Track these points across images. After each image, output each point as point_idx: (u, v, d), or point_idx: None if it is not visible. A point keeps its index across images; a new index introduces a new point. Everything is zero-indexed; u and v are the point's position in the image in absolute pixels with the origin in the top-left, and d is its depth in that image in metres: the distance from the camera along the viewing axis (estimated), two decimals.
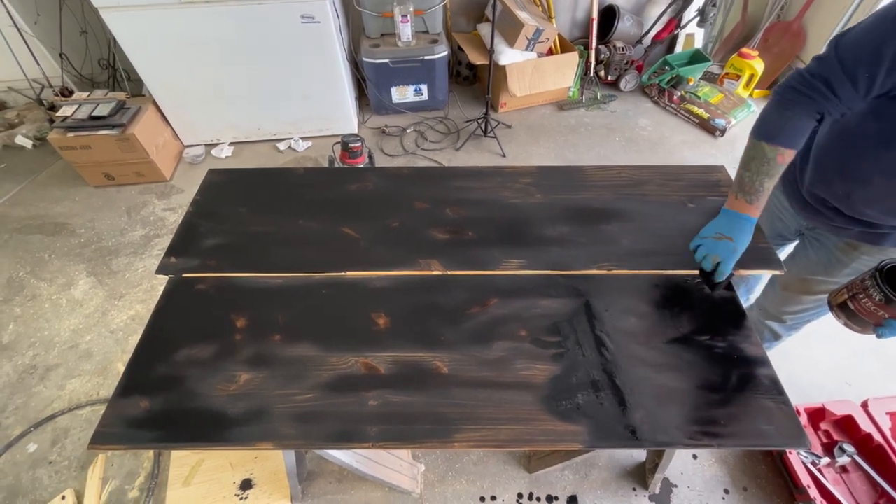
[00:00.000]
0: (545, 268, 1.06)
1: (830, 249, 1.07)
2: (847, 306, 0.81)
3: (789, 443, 0.82)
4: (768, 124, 0.87)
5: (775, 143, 0.86)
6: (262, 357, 0.92)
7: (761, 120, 0.89)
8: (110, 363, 1.81)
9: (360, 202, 1.23)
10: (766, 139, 0.87)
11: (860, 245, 1.01)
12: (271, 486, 1.46)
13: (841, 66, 0.76)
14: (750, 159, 0.90)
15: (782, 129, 0.85)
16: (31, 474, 1.53)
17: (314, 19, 2.30)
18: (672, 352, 0.93)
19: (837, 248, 1.05)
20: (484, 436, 0.82)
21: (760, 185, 0.90)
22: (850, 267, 1.05)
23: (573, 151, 2.79)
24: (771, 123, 0.87)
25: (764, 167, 0.88)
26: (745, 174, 0.91)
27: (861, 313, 0.79)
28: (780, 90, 0.86)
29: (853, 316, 0.81)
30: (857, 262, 1.03)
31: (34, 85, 2.89)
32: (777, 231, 1.23)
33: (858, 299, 0.79)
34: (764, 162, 0.88)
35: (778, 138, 0.86)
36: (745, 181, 0.91)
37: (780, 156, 0.86)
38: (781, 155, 0.86)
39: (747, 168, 0.91)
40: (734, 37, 3.17)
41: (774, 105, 0.87)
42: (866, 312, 0.78)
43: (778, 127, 0.86)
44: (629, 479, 1.50)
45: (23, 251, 2.24)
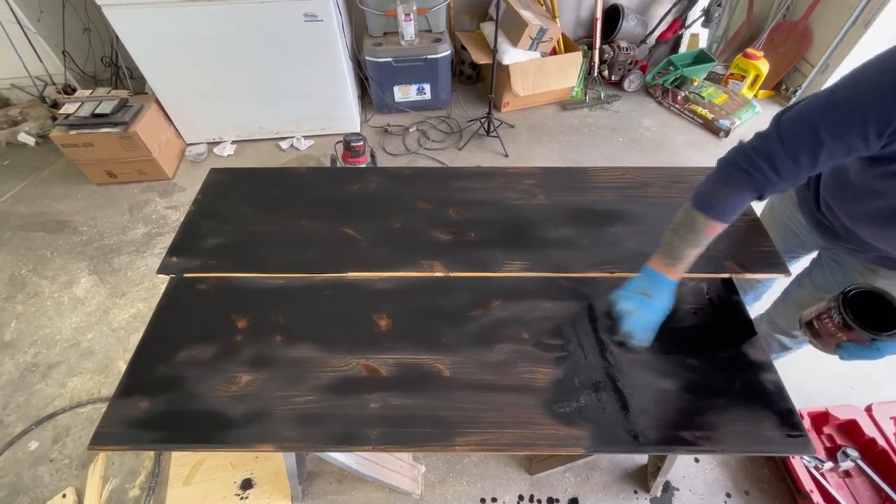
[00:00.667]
0: (548, 270, 1.06)
1: (849, 271, 1.03)
2: (812, 325, 0.83)
3: (794, 449, 0.81)
4: (706, 195, 0.86)
5: (708, 215, 0.84)
6: (262, 358, 0.92)
7: (700, 188, 0.87)
8: (112, 361, 1.81)
9: (362, 202, 1.22)
10: (700, 208, 0.85)
11: (879, 269, 0.97)
12: (272, 485, 1.46)
13: (782, 145, 0.75)
14: (680, 224, 0.88)
15: (717, 204, 0.84)
16: (33, 472, 1.53)
17: (317, 18, 2.29)
18: (675, 356, 0.92)
19: (856, 269, 1.01)
20: (485, 439, 0.81)
21: (683, 252, 0.88)
22: None
23: (576, 152, 2.77)
24: (708, 195, 0.85)
25: (691, 236, 0.87)
26: (672, 238, 0.90)
27: (823, 333, 0.81)
28: (722, 164, 0.84)
29: (817, 335, 0.83)
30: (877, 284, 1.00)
31: (37, 82, 2.89)
32: (791, 247, 1.19)
33: (822, 320, 0.81)
34: (692, 231, 0.86)
35: (711, 211, 0.84)
36: (672, 245, 0.90)
37: (708, 228, 0.85)
38: (710, 227, 0.85)
39: (676, 232, 0.89)
40: (739, 37, 3.15)
41: (714, 178, 0.85)
42: (827, 333, 0.80)
43: (714, 200, 0.85)
44: (630, 482, 1.49)
45: (25, 249, 2.24)
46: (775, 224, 1.20)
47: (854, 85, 0.68)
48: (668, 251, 0.90)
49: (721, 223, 0.85)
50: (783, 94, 3.09)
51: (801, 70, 2.98)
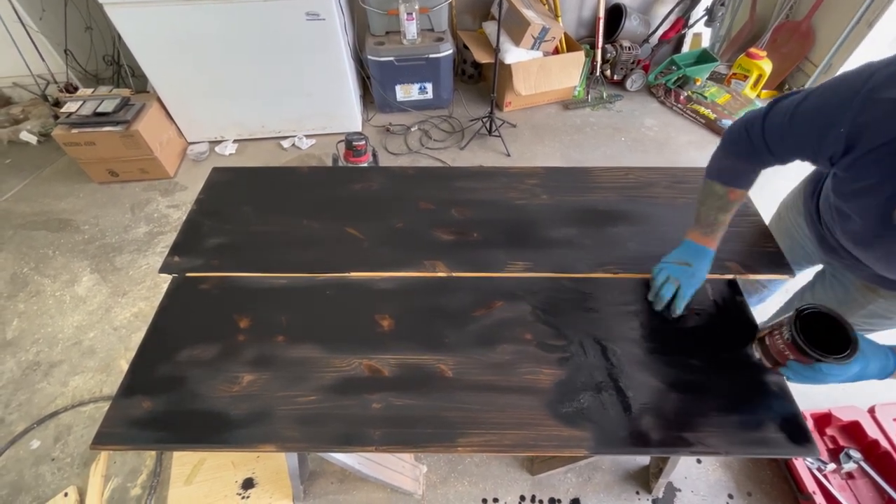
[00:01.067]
0: (551, 270, 1.05)
1: (848, 288, 1.03)
2: (764, 341, 0.84)
3: (798, 452, 0.81)
4: (716, 167, 0.93)
5: (724, 184, 0.91)
6: (265, 358, 0.92)
7: (711, 161, 0.94)
8: (113, 360, 1.81)
9: (365, 202, 1.22)
10: (712, 177, 0.93)
11: (878, 288, 0.97)
12: (273, 485, 1.46)
13: (763, 133, 0.80)
14: (706, 196, 0.95)
15: (727, 172, 0.91)
16: (34, 471, 1.53)
17: (319, 16, 2.29)
18: (679, 357, 0.91)
19: (856, 287, 1.01)
20: (488, 440, 0.81)
21: (715, 218, 0.94)
22: (866, 308, 1.00)
23: (578, 151, 2.77)
24: (718, 166, 0.92)
25: (718, 202, 0.93)
26: (701, 209, 0.96)
27: (771, 350, 0.82)
28: (724, 136, 0.90)
29: (766, 352, 0.84)
30: (875, 304, 0.98)
31: (39, 81, 2.89)
32: (797, 258, 1.17)
33: (773, 336, 0.82)
34: (717, 198, 0.93)
35: (723, 178, 0.91)
36: (702, 215, 0.96)
37: (730, 193, 0.91)
38: (733, 192, 0.91)
39: (703, 203, 0.95)
40: (742, 37, 3.14)
41: (720, 149, 0.91)
42: (776, 350, 0.81)
43: (723, 169, 0.92)
44: (632, 483, 1.49)
45: (27, 247, 2.24)
46: (782, 235, 1.19)
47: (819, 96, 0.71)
48: (701, 221, 0.96)
49: (738, 188, 0.90)
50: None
51: (804, 70, 2.97)
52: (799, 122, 0.73)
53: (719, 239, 0.96)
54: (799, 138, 0.75)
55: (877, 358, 0.74)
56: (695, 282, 0.94)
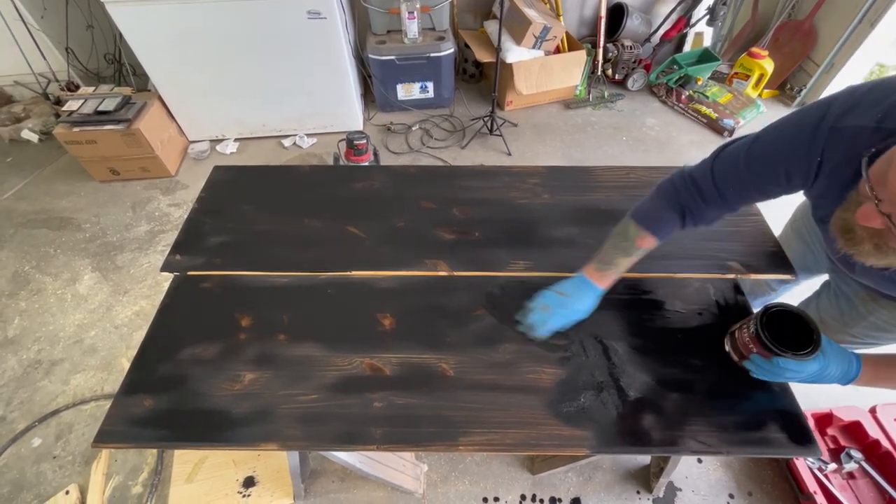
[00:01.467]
0: (552, 270, 1.05)
1: (852, 300, 1.02)
2: (734, 335, 0.86)
3: (800, 451, 0.81)
4: (642, 206, 0.90)
5: (640, 225, 0.88)
6: (266, 357, 0.92)
7: (640, 203, 0.91)
8: (115, 359, 1.82)
9: (366, 201, 1.22)
10: (634, 217, 0.89)
11: (879, 298, 0.95)
12: (274, 483, 1.46)
13: (713, 178, 0.79)
14: (617, 232, 0.92)
15: (650, 216, 0.88)
16: (36, 469, 1.53)
17: (320, 15, 2.28)
18: (680, 356, 0.91)
19: (860, 298, 1.00)
20: (490, 439, 0.81)
21: (613, 259, 0.91)
22: (867, 320, 0.99)
23: (580, 150, 2.77)
24: (644, 206, 0.89)
25: (623, 244, 0.90)
26: (606, 245, 0.93)
27: (739, 343, 0.84)
28: (664, 182, 0.88)
29: (734, 345, 0.86)
30: (875, 315, 0.97)
31: (40, 79, 2.89)
32: (806, 263, 1.17)
33: (741, 330, 0.84)
34: (625, 239, 0.90)
35: (643, 222, 0.88)
36: (605, 252, 0.92)
37: (639, 239, 0.88)
38: (641, 238, 0.88)
39: (611, 239, 0.92)
40: (744, 36, 3.13)
41: (654, 192, 0.89)
42: (742, 343, 0.83)
43: (648, 211, 0.88)
44: (633, 482, 1.49)
45: (28, 245, 2.25)
46: (796, 239, 1.19)
47: (774, 137, 0.73)
48: (600, 256, 0.93)
49: (651, 236, 0.87)
50: (788, 94, 3.08)
51: (805, 69, 2.96)
52: (758, 160, 0.74)
53: (612, 281, 0.92)
54: (759, 176, 0.75)
55: (838, 362, 0.76)
56: (567, 313, 0.91)
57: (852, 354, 0.78)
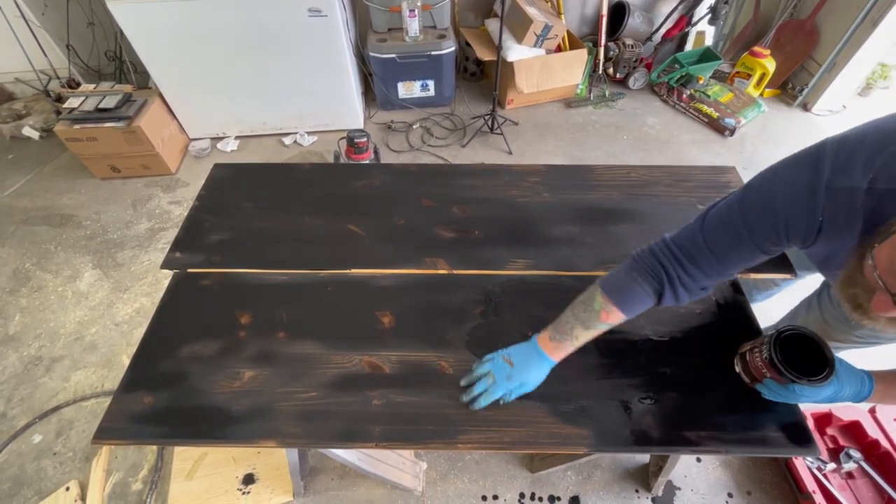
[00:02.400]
0: (552, 268, 1.05)
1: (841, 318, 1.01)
2: (745, 357, 0.85)
3: (799, 451, 0.81)
4: (612, 277, 0.82)
5: (607, 298, 0.80)
6: (266, 354, 0.92)
7: (612, 272, 0.84)
8: (115, 356, 1.82)
9: (366, 199, 1.22)
10: (603, 288, 0.81)
11: None
12: (274, 480, 1.46)
13: (705, 241, 0.73)
14: (582, 300, 0.84)
15: (619, 288, 0.80)
16: (36, 465, 1.54)
17: (321, 13, 2.28)
18: (680, 355, 0.91)
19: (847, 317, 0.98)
20: (488, 437, 0.81)
21: (572, 329, 0.83)
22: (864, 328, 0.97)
23: (580, 149, 2.76)
24: (615, 277, 0.82)
25: (584, 314, 0.82)
26: (568, 311, 0.85)
27: (751, 366, 0.83)
28: (640, 252, 0.81)
29: (745, 367, 0.84)
30: None
31: (41, 76, 2.89)
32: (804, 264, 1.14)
33: (753, 353, 0.82)
34: (588, 309, 0.82)
35: (611, 294, 0.80)
36: (563, 321, 0.85)
37: (604, 312, 0.80)
38: (607, 312, 0.80)
39: (573, 307, 0.85)
40: (745, 35, 3.12)
41: (628, 264, 0.82)
42: (754, 367, 0.82)
43: (619, 282, 0.81)
44: (632, 481, 1.49)
45: (29, 242, 2.25)
46: None
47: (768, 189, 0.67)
48: (558, 325, 0.85)
49: (618, 311, 0.80)
50: (789, 93, 3.07)
51: (807, 69, 2.96)
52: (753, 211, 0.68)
53: (564, 354, 0.85)
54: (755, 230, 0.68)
55: (851, 383, 0.76)
56: (510, 385, 0.84)
57: (864, 374, 0.78)
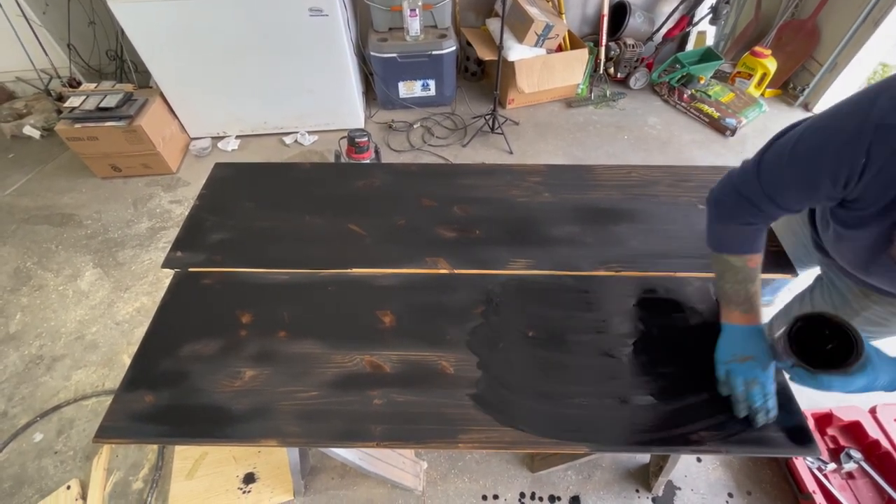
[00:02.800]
0: (553, 268, 1.05)
1: (845, 294, 1.00)
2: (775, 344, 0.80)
3: (799, 451, 0.81)
4: (719, 238, 0.84)
5: (737, 253, 0.82)
6: (266, 354, 0.92)
7: (711, 234, 0.85)
8: (116, 355, 1.82)
9: (367, 199, 1.22)
10: (723, 251, 0.84)
11: (871, 293, 0.94)
12: (274, 480, 1.46)
13: (761, 187, 0.75)
14: (723, 272, 0.85)
15: (734, 240, 0.82)
16: (37, 464, 1.54)
17: (322, 12, 2.28)
18: (681, 355, 0.91)
19: (852, 292, 0.98)
20: (489, 437, 0.81)
21: (746, 292, 0.83)
22: (861, 316, 0.97)
23: (581, 149, 2.76)
24: (721, 236, 0.84)
25: (740, 276, 0.83)
26: (726, 287, 0.85)
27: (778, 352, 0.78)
28: (714, 203, 0.83)
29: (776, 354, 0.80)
30: (869, 311, 0.96)
31: (42, 75, 2.90)
32: (800, 255, 1.15)
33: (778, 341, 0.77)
34: (738, 271, 0.83)
35: (735, 248, 0.82)
36: (731, 294, 0.85)
37: (749, 262, 0.82)
38: (751, 260, 0.82)
39: (725, 280, 0.85)
40: (747, 35, 3.12)
41: (714, 219, 0.84)
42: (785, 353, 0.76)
43: (728, 238, 0.83)
44: (632, 481, 1.49)
45: (30, 241, 2.25)
46: (788, 231, 1.17)
47: (815, 136, 0.67)
48: (733, 300, 0.85)
49: (753, 254, 0.82)
50: (790, 93, 3.07)
51: (808, 69, 2.95)
52: (801, 161, 0.68)
53: (761, 309, 0.84)
54: (804, 180, 0.69)
55: (887, 370, 0.69)
56: (770, 372, 0.81)
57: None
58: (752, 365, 0.81)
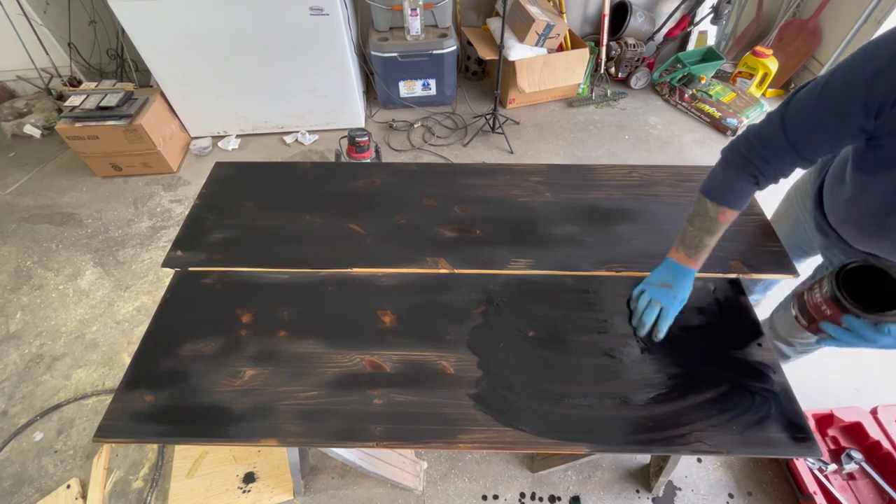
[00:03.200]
0: (553, 268, 1.05)
1: None
2: (803, 297, 0.79)
3: (800, 452, 0.80)
4: (713, 183, 0.88)
5: (717, 203, 0.87)
6: (267, 353, 0.92)
7: (709, 177, 0.89)
8: (116, 354, 1.82)
9: (368, 198, 1.22)
10: (709, 197, 0.88)
11: None
12: (274, 479, 1.46)
13: (784, 132, 0.76)
14: (694, 215, 0.91)
15: (724, 190, 0.86)
16: (37, 463, 1.54)
17: (323, 12, 2.28)
18: (681, 356, 0.91)
19: None
20: (489, 437, 0.81)
21: (701, 240, 0.90)
22: None
23: (582, 149, 2.76)
24: (715, 182, 0.88)
25: (706, 224, 0.89)
26: (688, 228, 0.92)
27: (809, 306, 0.77)
28: (726, 150, 0.86)
29: (804, 308, 0.78)
30: None
31: (43, 74, 2.90)
32: (798, 241, 1.17)
33: (812, 291, 0.77)
34: (706, 219, 0.89)
35: (720, 198, 0.87)
36: (688, 235, 0.92)
37: (721, 215, 0.87)
38: (723, 214, 0.87)
39: (691, 223, 0.91)
40: (748, 35, 3.11)
41: (721, 164, 0.87)
42: (813, 306, 0.75)
43: (720, 186, 0.87)
44: (632, 481, 1.49)
45: (30, 241, 2.25)
46: (788, 218, 1.19)
47: (849, 67, 0.67)
48: (686, 242, 0.92)
49: (731, 209, 0.87)
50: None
51: (810, 68, 2.95)
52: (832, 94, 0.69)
53: (702, 261, 0.93)
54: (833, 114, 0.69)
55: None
56: (677, 304, 0.92)
57: None
58: (666, 292, 0.92)
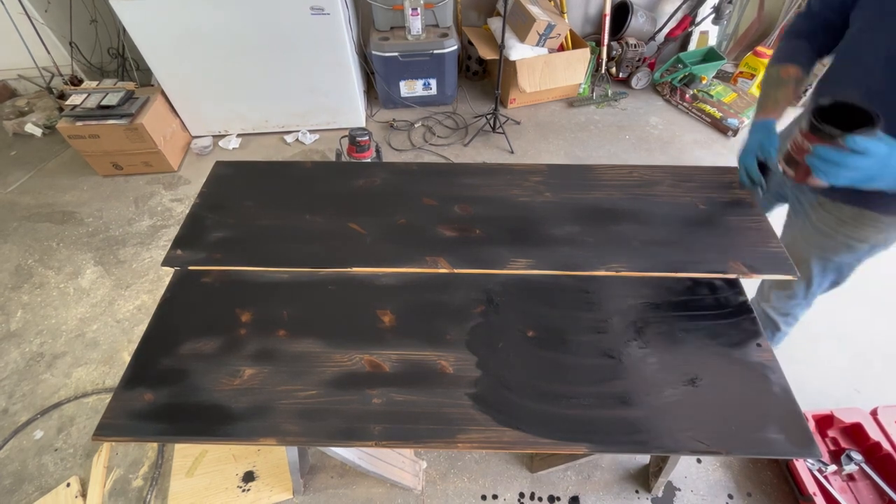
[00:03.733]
0: (553, 268, 1.05)
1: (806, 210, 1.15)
2: (787, 149, 0.83)
3: (799, 452, 0.80)
4: (775, 54, 1.08)
5: (779, 63, 1.06)
6: (266, 352, 0.92)
7: (775, 51, 1.09)
8: (116, 352, 1.82)
9: (368, 198, 1.22)
10: (776, 61, 1.07)
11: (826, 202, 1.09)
12: (273, 478, 1.46)
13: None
14: (764, 84, 1.09)
15: (782, 53, 1.06)
16: (37, 461, 1.54)
17: (324, 11, 2.28)
18: (681, 356, 0.91)
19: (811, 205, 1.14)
20: (488, 437, 0.81)
21: (775, 98, 1.05)
22: (815, 226, 1.14)
23: (582, 149, 2.76)
24: (780, 49, 1.08)
25: (774, 83, 1.06)
26: (761, 99, 1.08)
27: (792, 151, 0.80)
28: (790, 25, 1.08)
29: (789, 157, 0.82)
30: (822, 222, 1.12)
31: (44, 73, 2.90)
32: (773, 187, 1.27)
33: (794, 137, 0.80)
34: (771, 79, 1.07)
35: (780, 60, 1.06)
36: (760, 99, 1.09)
37: (783, 70, 1.04)
38: (785, 69, 1.04)
39: (763, 92, 1.09)
40: (749, 35, 3.11)
41: (784, 37, 1.09)
42: (797, 149, 0.79)
43: (780, 51, 1.07)
44: (632, 482, 1.49)
45: (31, 239, 2.26)
46: None
47: None
48: (760, 104, 1.08)
49: (791, 64, 1.04)
50: None
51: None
52: None
53: (778, 113, 1.04)
54: None
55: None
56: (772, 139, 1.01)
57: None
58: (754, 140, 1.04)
